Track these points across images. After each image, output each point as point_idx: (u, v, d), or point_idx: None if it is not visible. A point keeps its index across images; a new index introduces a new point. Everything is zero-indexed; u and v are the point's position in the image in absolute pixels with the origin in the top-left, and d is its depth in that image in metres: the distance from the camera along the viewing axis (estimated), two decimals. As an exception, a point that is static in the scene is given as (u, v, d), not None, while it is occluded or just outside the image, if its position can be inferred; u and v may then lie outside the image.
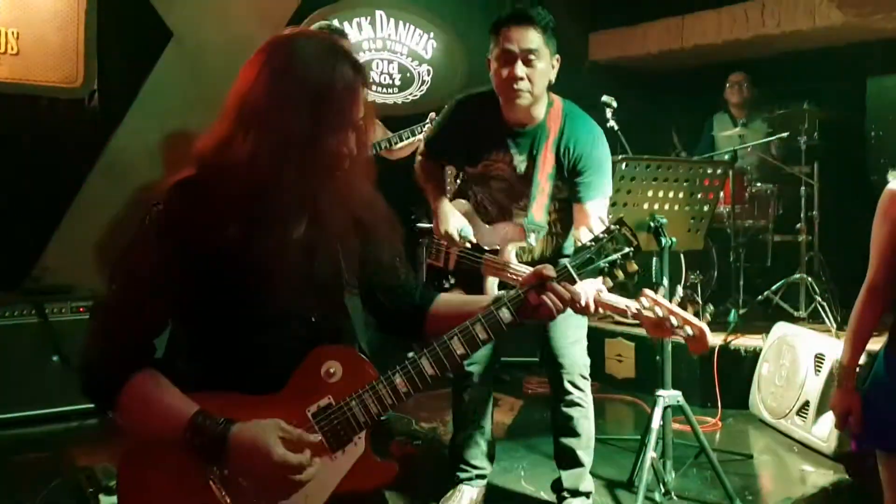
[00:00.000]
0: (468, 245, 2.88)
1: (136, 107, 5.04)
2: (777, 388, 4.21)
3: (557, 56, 2.71)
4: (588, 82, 6.54)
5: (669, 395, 3.15)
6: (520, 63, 2.61)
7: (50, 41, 4.81)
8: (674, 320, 2.31)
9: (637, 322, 5.08)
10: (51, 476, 3.32)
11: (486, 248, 2.87)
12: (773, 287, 5.07)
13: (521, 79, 2.62)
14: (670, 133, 6.13)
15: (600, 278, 2.62)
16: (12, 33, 4.69)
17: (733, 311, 4.99)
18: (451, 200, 3.03)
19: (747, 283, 5.19)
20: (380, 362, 1.55)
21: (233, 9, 5.38)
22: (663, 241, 3.05)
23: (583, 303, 2.45)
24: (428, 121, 3.94)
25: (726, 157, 5.25)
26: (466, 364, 3.03)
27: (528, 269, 2.72)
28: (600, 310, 2.46)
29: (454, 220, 2.88)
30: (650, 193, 3.13)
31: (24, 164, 4.72)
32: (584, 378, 2.97)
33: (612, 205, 3.00)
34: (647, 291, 2.41)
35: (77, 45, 4.87)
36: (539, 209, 2.74)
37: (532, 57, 2.61)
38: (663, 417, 3.16)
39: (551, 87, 2.81)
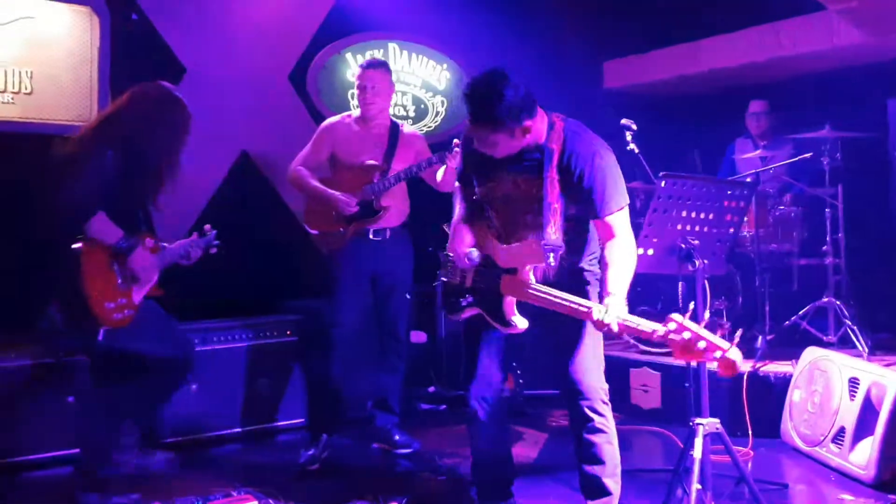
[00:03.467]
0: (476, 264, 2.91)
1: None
2: (810, 414, 4.07)
3: (524, 118, 2.67)
4: (604, 110, 6.51)
5: (708, 423, 3.03)
6: (487, 149, 2.75)
7: (63, 80, 4.83)
8: (702, 344, 2.26)
9: (663, 350, 4.98)
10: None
11: (504, 267, 2.83)
12: (801, 312, 4.94)
13: (493, 154, 2.76)
14: (689, 159, 6.07)
15: (624, 303, 2.58)
16: (26, 73, 4.72)
17: (760, 337, 4.86)
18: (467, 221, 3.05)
19: (773, 308, 5.05)
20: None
21: (244, 44, 5.39)
22: (696, 263, 2.96)
23: (610, 329, 2.44)
24: (453, 146, 3.92)
25: (747, 179, 5.15)
26: (470, 397, 3.02)
27: (546, 290, 2.68)
28: (625, 335, 2.41)
29: (466, 241, 2.95)
30: (683, 213, 3.05)
31: (38, 203, 4.71)
32: (605, 403, 2.89)
33: (650, 225, 2.94)
34: (675, 315, 2.36)
35: (91, 84, 4.89)
36: (555, 229, 2.72)
37: (488, 145, 2.72)
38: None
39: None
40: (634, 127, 3.74)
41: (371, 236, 4.16)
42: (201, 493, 3.49)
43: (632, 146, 3.74)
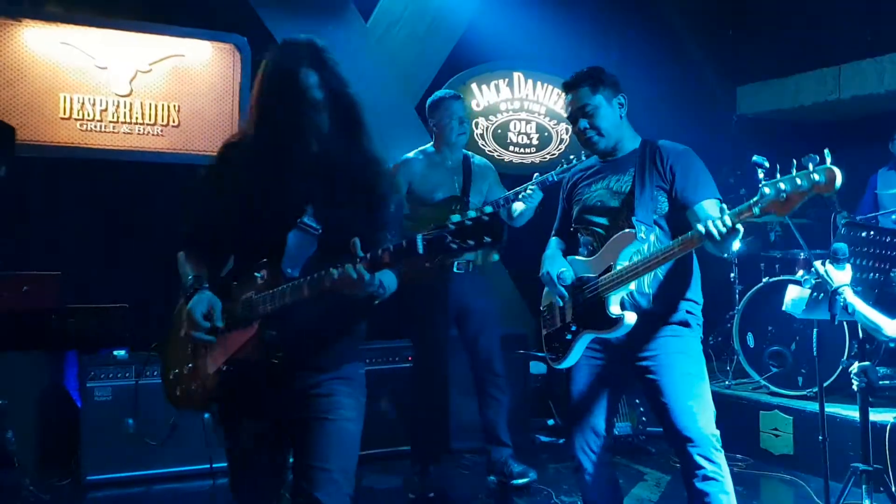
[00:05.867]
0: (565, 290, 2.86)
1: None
2: (963, 473, 3.76)
3: (620, 97, 2.92)
4: (736, 138, 6.30)
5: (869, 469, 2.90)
6: (580, 119, 2.90)
7: (207, 113, 5.13)
8: (799, 181, 2.24)
9: (797, 393, 4.67)
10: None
11: (597, 274, 2.78)
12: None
13: (586, 129, 2.89)
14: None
15: None
16: (174, 107, 5.05)
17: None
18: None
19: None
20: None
21: (376, 77, 5.55)
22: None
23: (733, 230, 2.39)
24: (533, 182, 4.06)
25: (893, 217, 4.85)
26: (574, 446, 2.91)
27: (642, 258, 2.65)
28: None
29: (557, 265, 2.91)
30: (855, 260, 2.94)
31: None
32: (717, 450, 2.71)
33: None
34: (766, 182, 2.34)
35: (232, 116, 5.17)
36: (643, 209, 2.76)
37: (588, 110, 2.88)
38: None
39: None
40: (767, 164, 3.58)
41: (455, 269, 4.19)
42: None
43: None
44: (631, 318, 2.70)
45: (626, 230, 2.73)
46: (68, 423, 4.20)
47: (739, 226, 2.43)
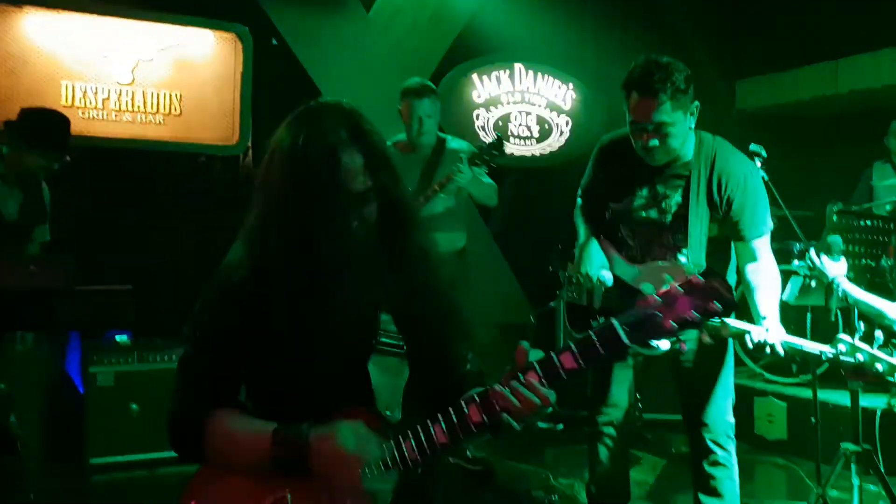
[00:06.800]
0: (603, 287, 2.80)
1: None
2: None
3: (696, 104, 2.64)
4: (735, 131, 6.33)
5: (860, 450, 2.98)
6: (652, 137, 2.59)
7: (209, 102, 5.16)
8: (879, 367, 2.18)
9: (791, 380, 4.78)
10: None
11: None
12: (946, 346, 4.64)
13: (655, 147, 2.61)
14: (823, 183, 5.82)
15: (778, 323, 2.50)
16: (176, 96, 5.08)
17: (899, 372, 4.59)
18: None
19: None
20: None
21: (377, 67, 5.59)
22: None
23: (773, 351, 2.44)
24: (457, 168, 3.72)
25: (887, 207, 4.90)
26: (600, 420, 2.93)
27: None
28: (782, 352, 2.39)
29: (597, 263, 2.83)
30: (847, 247, 2.99)
31: (185, 217, 5.04)
32: (730, 438, 2.81)
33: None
34: (844, 335, 2.31)
35: (233, 106, 5.20)
36: (699, 249, 2.67)
37: (665, 130, 2.56)
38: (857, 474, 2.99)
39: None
40: (764, 154, 3.64)
41: None
42: None
43: (761, 174, 3.64)
44: (665, 345, 2.60)
45: (678, 267, 2.61)
46: (72, 406, 4.23)
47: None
